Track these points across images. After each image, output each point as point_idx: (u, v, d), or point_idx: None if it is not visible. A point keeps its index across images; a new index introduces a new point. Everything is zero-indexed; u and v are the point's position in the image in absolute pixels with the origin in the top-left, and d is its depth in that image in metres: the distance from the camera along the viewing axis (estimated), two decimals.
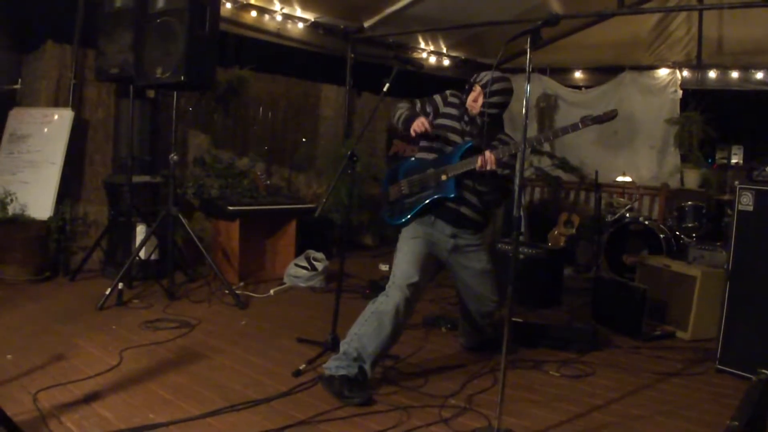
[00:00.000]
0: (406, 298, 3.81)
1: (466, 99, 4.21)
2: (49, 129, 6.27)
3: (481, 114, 4.10)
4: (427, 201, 4.12)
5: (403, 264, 3.96)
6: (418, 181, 4.18)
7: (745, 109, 8.53)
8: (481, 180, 4.04)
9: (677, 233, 6.82)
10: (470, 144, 4.08)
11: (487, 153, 3.82)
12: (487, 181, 4.03)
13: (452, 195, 4.03)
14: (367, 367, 3.77)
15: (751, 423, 2.41)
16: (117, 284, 5.37)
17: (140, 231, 6.13)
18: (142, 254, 5.93)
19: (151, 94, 6.42)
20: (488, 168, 3.83)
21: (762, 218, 4.29)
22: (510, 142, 4.14)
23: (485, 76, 4.09)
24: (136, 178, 6.16)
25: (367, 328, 3.79)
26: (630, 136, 9.38)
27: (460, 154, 4.05)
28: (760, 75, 8.54)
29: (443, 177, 4.06)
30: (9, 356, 4.03)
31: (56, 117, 6.30)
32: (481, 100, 4.10)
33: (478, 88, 4.13)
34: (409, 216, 4.18)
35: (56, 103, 6.43)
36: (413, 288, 3.86)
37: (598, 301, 5.78)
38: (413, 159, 4.34)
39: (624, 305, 5.37)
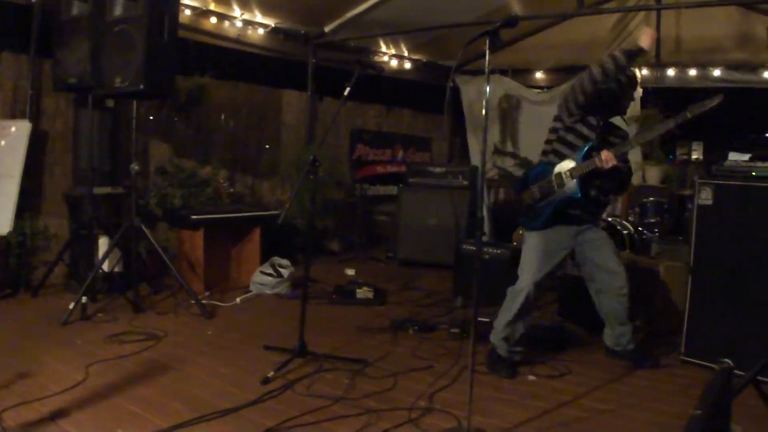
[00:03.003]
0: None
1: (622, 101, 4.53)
2: (7, 142, 6.16)
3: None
4: (557, 202, 4.34)
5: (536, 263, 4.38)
6: (547, 184, 4.37)
7: None
8: (604, 176, 4.30)
9: (640, 229, 6.89)
10: (591, 144, 4.30)
11: (604, 152, 4.13)
12: (609, 176, 4.31)
13: (578, 195, 4.25)
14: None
15: (714, 411, 2.45)
16: (81, 298, 5.30)
17: (103, 243, 6.04)
18: (105, 267, 5.86)
19: (110, 103, 6.36)
20: (609, 165, 4.12)
21: (721, 212, 4.39)
22: (625, 133, 4.64)
23: None
24: (97, 190, 6.10)
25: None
26: None
27: (582, 155, 4.26)
28: (717, 72, 8.73)
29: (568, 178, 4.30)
30: None
31: (13, 129, 6.19)
32: None
33: None
34: (543, 219, 4.39)
35: (13, 115, 6.32)
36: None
37: (564, 298, 5.83)
38: (540, 165, 4.53)
39: (589, 302, 5.42)
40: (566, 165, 4.29)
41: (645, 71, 9.24)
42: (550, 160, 4.41)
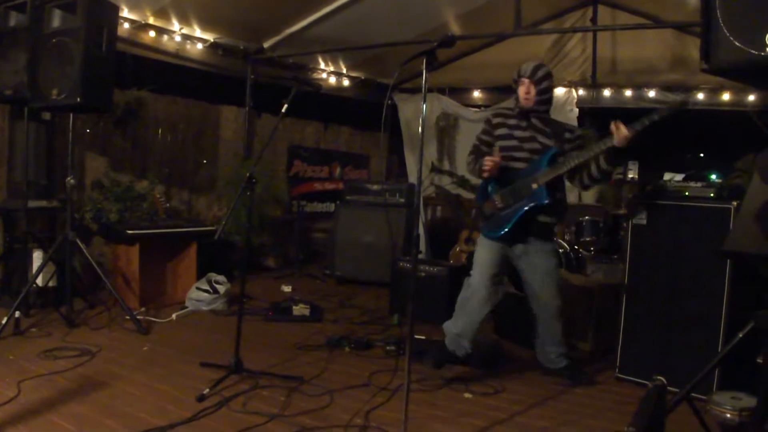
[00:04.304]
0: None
1: (517, 97, 4.52)
2: None
3: (536, 104, 4.46)
4: (524, 209, 4.38)
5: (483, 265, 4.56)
6: (510, 192, 4.44)
7: None
8: (593, 171, 4.36)
9: (575, 247, 7.05)
10: (554, 150, 4.39)
11: (623, 128, 4.11)
12: (603, 169, 4.32)
13: (546, 201, 4.32)
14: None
15: (648, 427, 2.57)
16: (13, 313, 5.22)
17: (37, 257, 5.96)
18: (39, 281, 5.78)
19: (47, 116, 6.27)
20: (628, 136, 4.10)
21: (655, 231, 4.54)
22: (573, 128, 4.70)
23: (527, 67, 4.43)
24: (32, 203, 6.01)
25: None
26: None
27: (546, 161, 4.36)
28: (652, 93, 8.99)
29: (534, 185, 4.33)
30: None
31: None
32: (533, 91, 4.43)
33: (525, 81, 4.43)
34: (507, 228, 4.43)
35: None
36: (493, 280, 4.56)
37: (499, 315, 5.92)
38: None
39: (524, 319, 5.54)
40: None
41: (581, 91, 9.48)
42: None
